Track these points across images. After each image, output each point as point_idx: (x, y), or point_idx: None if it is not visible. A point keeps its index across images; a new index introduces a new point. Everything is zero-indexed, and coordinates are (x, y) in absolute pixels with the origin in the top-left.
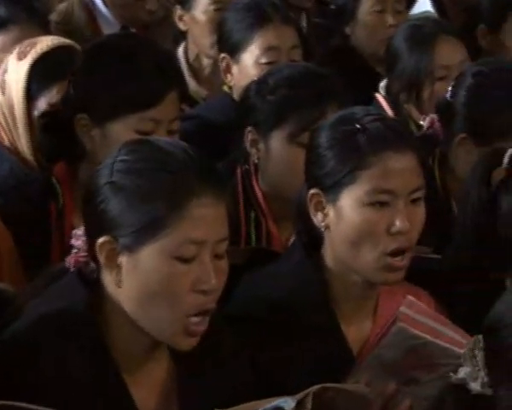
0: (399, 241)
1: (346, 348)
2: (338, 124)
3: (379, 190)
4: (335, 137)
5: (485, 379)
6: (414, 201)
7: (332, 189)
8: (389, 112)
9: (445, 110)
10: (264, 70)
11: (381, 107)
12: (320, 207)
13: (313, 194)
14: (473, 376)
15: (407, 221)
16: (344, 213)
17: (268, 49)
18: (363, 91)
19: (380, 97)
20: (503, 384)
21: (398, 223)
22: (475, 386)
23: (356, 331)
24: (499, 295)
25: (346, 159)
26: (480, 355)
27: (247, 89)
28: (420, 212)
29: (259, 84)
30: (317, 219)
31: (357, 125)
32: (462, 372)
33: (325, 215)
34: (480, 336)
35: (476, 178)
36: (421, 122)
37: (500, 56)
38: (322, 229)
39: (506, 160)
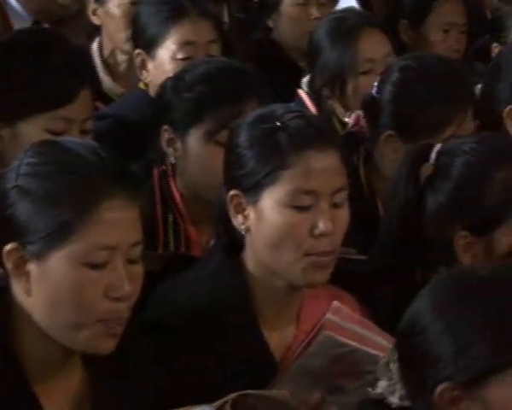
0: (323, 243)
1: (268, 353)
2: (257, 122)
3: (301, 191)
4: (255, 136)
5: (402, 392)
6: (338, 201)
7: (252, 190)
8: (312, 108)
9: (370, 106)
10: (181, 66)
11: (303, 103)
12: (240, 209)
13: (233, 195)
14: (390, 390)
15: (330, 223)
16: (265, 215)
17: (184, 44)
18: (285, 87)
19: (302, 93)
20: (419, 395)
21: (321, 225)
22: (394, 399)
23: (279, 337)
24: None
25: (267, 158)
26: (394, 368)
27: (163, 86)
28: (344, 213)
29: (175, 81)
30: (238, 221)
31: (278, 123)
32: (380, 387)
33: (245, 217)
34: (394, 349)
35: (403, 175)
36: (346, 119)
37: (424, 51)
38: (243, 231)
39: (433, 156)
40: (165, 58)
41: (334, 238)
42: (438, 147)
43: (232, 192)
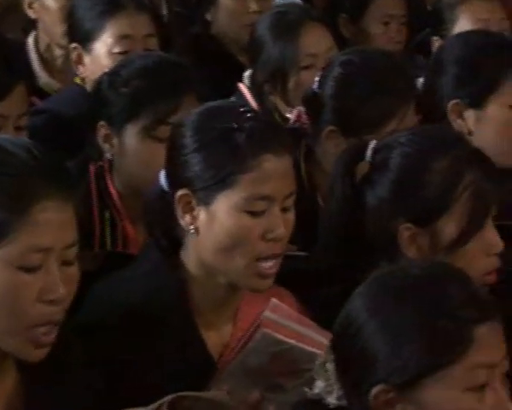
0: (274, 247)
1: (205, 352)
2: (207, 121)
3: (257, 197)
4: (207, 137)
5: (340, 392)
6: (287, 205)
7: (204, 191)
8: (253, 103)
9: (312, 102)
10: (118, 60)
11: (243, 98)
12: (188, 209)
13: (182, 195)
14: (327, 390)
15: (283, 228)
16: (217, 218)
17: (121, 38)
18: (224, 81)
19: (243, 88)
20: (354, 397)
21: (275, 230)
22: (331, 400)
23: (216, 336)
24: None
25: (222, 161)
26: (331, 368)
27: (99, 81)
28: (291, 216)
29: (112, 76)
30: (185, 221)
31: (235, 125)
32: (317, 387)
33: (194, 217)
34: (330, 349)
35: (339, 173)
36: (288, 115)
37: (365, 44)
38: (191, 232)
39: (369, 153)
40: (102, 52)
41: (284, 241)
42: (373, 144)
43: (181, 192)
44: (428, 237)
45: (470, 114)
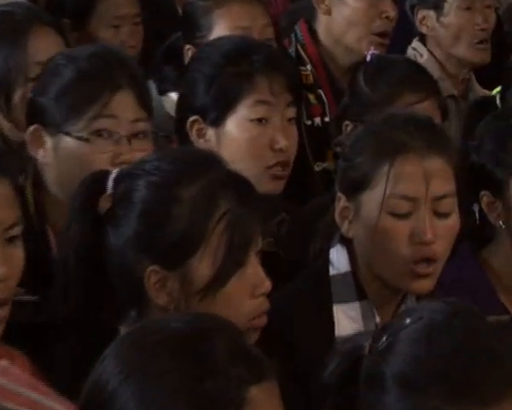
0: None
1: None
2: None
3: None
4: None
5: None
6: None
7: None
8: None
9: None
10: None
11: None
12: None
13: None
14: None
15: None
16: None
17: None
18: None
19: None
20: None
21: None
22: None
23: None
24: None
25: None
26: None
27: None
28: (19, 252)
29: None
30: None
31: None
32: None
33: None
34: None
35: (77, 208)
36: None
37: None
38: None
39: (110, 184)
40: None
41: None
42: (114, 174)
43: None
44: (179, 282)
45: (212, 133)
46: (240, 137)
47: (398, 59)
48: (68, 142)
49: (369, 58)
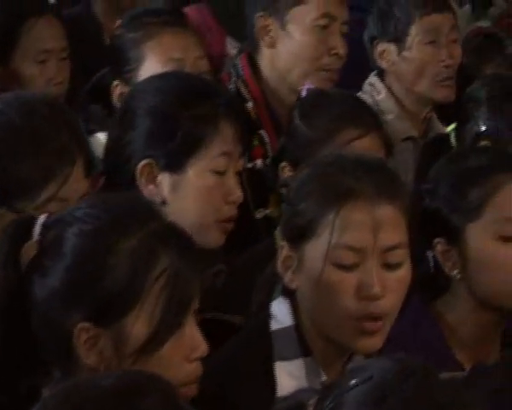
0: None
1: None
2: None
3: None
4: None
5: None
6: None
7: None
8: None
9: None
10: None
11: None
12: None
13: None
14: None
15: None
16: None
17: None
18: None
19: None
20: None
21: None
22: None
23: None
24: None
25: None
26: None
27: None
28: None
29: None
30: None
31: None
32: None
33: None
34: None
35: (0, 255)
36: None
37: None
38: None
39: (37, 230)
40: None
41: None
42: (42, 219)
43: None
44: (112, 340)
45: (165, 178)
46: (199, 185)
47: (335, 92)
48: None
49: (304, 93)
